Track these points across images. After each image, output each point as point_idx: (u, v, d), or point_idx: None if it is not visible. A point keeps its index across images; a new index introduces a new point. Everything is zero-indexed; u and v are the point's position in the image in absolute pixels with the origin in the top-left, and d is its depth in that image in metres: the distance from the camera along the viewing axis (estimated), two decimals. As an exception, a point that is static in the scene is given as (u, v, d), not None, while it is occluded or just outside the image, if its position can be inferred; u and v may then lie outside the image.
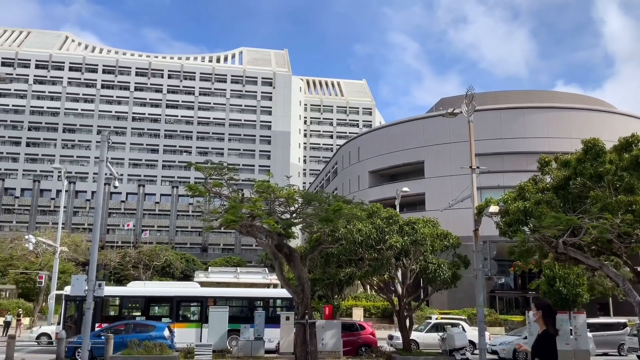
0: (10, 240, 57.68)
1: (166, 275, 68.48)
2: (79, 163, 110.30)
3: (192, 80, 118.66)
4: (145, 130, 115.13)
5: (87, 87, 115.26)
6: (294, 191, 20.79)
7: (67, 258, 51.52)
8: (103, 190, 23.13)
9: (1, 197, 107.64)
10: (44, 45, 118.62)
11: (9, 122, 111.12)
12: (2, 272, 56.71)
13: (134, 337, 21.38)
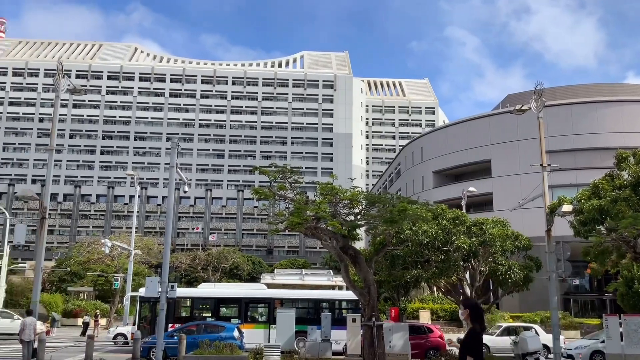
0: (87, 245, 60.53)
1: (234, 277, 70.01)
2: (149, 169, 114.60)
3: (255, 85, 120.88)
4: (211, 136, 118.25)
5: (156, 96, 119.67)
6: (357, 193, 20.74)
7: (141, 261, 53.54)
8: (173, 195, 23.89)
9: (78, 203, 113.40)
10: (115, 57, 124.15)
11: (84, 131, 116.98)
12: (80, 274, 59.62)
13: (205, 337, 21.89)
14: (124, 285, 44.01)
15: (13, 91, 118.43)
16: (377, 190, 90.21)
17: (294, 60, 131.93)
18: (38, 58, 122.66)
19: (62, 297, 56.73)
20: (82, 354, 22.52)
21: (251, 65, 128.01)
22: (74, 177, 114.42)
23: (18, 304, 61.44)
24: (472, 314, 6.88)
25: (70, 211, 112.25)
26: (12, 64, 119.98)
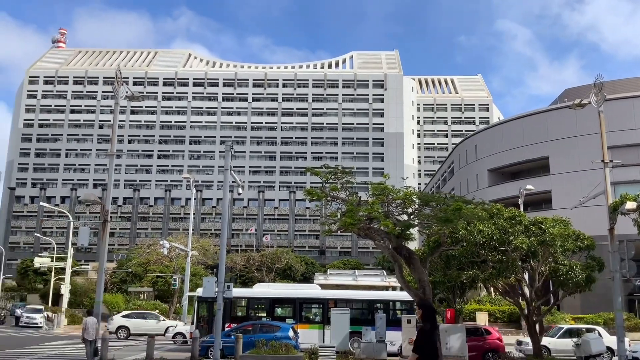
0: (147, 246, 62.43)
1: (287, 277, 70.67)
2: (204, 172, 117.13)
3: (305, 87, 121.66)
4: (263, 139, 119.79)
5: (210, 100, 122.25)
6: (410, 192, 20.54)
7: (197, 261, 54.79)
8: (228, 197, 24.34)
9: (137, 206, 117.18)
10: (170, 64, 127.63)
11: (141, 136, 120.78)
12: (140, 275, 61.55)
13: (260, 337, 22.17)
14: (182, 285, 45.11)
15: (74, 99, 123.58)
16: (429, 189, 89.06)
17: (343, 61, 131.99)
18: (97, 67, 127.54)
19: (124, 297, 58.67)
20: (143, 352, 23.24)
21: (301, 67, 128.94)
22: (132, 181, 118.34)
23: (82, 304, 64.08)
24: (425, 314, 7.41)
25: (130, 214, 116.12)
26: (72, 73, 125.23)
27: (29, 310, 49.78)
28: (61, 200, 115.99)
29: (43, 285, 74.66)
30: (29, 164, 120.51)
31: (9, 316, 56.11)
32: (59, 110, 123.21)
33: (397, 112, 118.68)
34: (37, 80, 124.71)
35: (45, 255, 73.58)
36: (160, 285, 56.89)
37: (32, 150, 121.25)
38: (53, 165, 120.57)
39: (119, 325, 36.41)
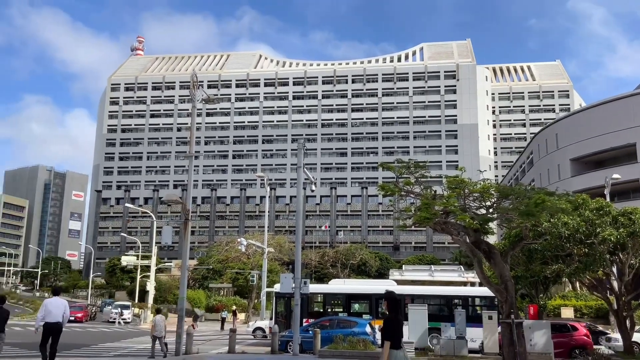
0: (225, 244, 64.27)
1: (362, 273, 70.62)
2: (277, 170, 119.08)
3: (374, 82, 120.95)
4: (333, 135, 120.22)
5: (280, 99, 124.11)
6: (488, 185, 19.91)
7: (273, 258, 55.80)
8: (302, 194, 24.58)
9: (215, 205, 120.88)
10: (241, 66, 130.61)
11: (217, 138, 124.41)
12: (220, 272, 63.43)
13: (338, 332, 22.27)
14: (260, 281, 46.08)
15: (153, 104, 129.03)
16: (507, 181, 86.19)
17: (413, 53, 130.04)
18: (173, 72, 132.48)
19: (205, 293, 60.69)
20: (226, 346, 23.93)
21: (370, 62, 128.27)
22: (210, 181, 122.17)
23: (166, 300, 66.86)
24: (390, 306, 8.46)
25: (208, 213, 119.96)
26: (151, 79, 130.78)
27: (118, 306, 52.33)
28: (144, 201, 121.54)
29: (130, 282, 78.45)
30: (114, 168, 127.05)
31: (99, 312, 59.25)
32: (140, 115, 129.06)
33: (470, 102, 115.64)
34: (119, 87, 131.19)
35: (131, 254, 77.41)
36: (239, 282, 58.38)
37: (116, 154, 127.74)
38: (136, 168, 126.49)
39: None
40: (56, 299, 14.04)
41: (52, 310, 13.59)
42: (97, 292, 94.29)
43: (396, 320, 8.26)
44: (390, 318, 8.27)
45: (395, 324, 8.20)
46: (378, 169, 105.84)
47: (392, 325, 8.17)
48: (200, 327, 41.24)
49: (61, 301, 14.01)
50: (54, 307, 13.66)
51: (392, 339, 8.05)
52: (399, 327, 8.22)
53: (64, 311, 13.73)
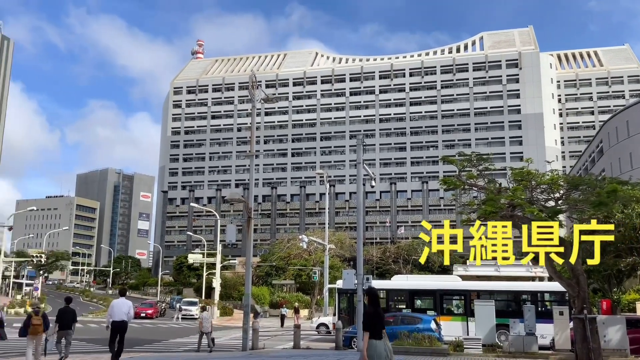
0: (287, 241, 64.96)
1: (424, 269, 69.70)
2: (336, 167, 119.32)
3: (433, 74, 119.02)
4: (392, 130, 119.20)
5: (338, 96, 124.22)
6: (556, 176, 19.23)
7: (335, 255, 55.94)
8: (362, 190, 24.51)
9: (275, 203, 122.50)
10: (298, 64, 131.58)
11: (276, 136, 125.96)
12: (283, 268, 64.22)
13: (402, 328, 22.05)
14: (322, 278, 46.33)
15: (214, 105, 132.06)
16: (576, 172, 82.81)
17: (472, 43, 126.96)
18: (232, 73, 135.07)
19: (269, 290, 61.61)
20: (291, 342, 24.21)
21: (427, 54, 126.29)
22: (270, 179, 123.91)
23: (231, 296, 68.36)
24: (370, 300, 9.16)
25: (269, 211, 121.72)
26: (211, 81, 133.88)
27: (186, 303, 53.88)
28: (208, 201, 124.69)
29: (196, 279, 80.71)
30: (178, 169, 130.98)
31: (168, 309, 61.20)
32: (201, 117, 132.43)
33: (534, 91, 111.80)
34: (181, 90, 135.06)
35: (197, 252, 79.57)
36: (301, 278, 58.89)
37: (180, 155, 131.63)
38: (199, 169, 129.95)
39: None
40: (122, 299, 15.34)
41: (118, 310, 14.97)
42: (165, 289, 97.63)
43: (376, 313, 8.90)
44: (370, 311, 8.93)
45: (375, 316, 8.85)
46: (439, 162, 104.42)
47: (373, 317, 8.83)
48: (264, 323, 41.85)
49: (126, 302, 15.30)
50: (120, 307, 15.03)
51: (371, 329, 8.73)
52: (379, 320, 8.91)
53: (129, 311, 15.09)
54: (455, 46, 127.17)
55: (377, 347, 8.67)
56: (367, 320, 8.82)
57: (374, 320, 8.81)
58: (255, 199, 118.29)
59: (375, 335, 8.73)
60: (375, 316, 8.85)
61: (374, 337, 8.72)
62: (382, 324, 8.90)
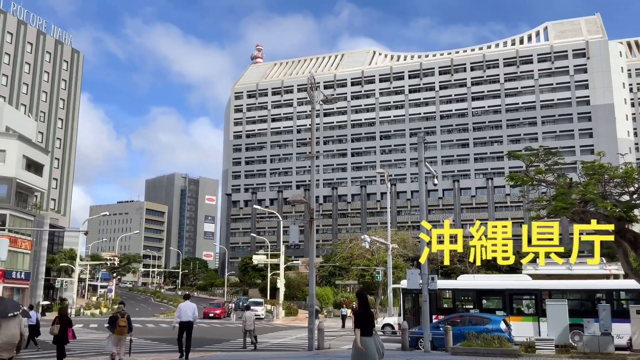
0: (349, 241, 64.93)
1: (491, 268, 67.85)
2: (396, 166, 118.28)
3: (495, 68, 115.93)
4: (453, 126, 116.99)
5: (396, 94, 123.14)
6: (631, 169, 18.32)
7: (398, 254, 55.40)
8: (424, 188, 24.18)
9: (336, 203, 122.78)
10: (356, 64, 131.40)
11: (335, 137, 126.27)
12: (346, 268, 64.25)
13: (470, 329, 21.61)
14: (385, 278, 46.02)
15: (273, 108, 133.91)
16: (651, 164, 78.55)
17: (536, 34, 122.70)
18: (291, 76, 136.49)
19: (332, 290, 61.82)
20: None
21: (489, 47, 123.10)
22: (330, 180, 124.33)
23: (295, 296, 69.08)
24: (359, 301, 10.22)
25: (330, 211, 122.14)
26: (270, 85, 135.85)
27: (251, 303, 54.82)
28: (270, 202, 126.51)
29: (261, 280, 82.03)
30: (241, 172, 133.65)
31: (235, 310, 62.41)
32: (262, 120, 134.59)
33: (604, 81, 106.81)
34: (241, 95, 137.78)
35: (261, 253, 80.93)
36: (365, 279, 58.73)
37: (242, 159, 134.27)
38: (261, 171, 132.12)
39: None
40: (187, 302, 17.59)
41: (184, 312, 17.15)
42: (232, 289, 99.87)
43: (366, 313, 9.91)
44: (361, 312, 9.96)
45: (365, 316, 9.85)
46: (504, 158, 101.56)
47: (363, 317, 9.82)
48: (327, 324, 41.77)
49: (191, 305, 17.44)
50: (186, 309, 17.22)
51: (362, 327, 9.71)
52: (369, 319, 9.90)
53: (193, 312, 17.22)
54: (518, 38, 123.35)
55: (368, 342, 9.61)
56: (357, 319, 9.83)
57: (364, 319, 9.77)
58: (317, 199, 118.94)
59: (366, 332, 9.68)
60: (366, 316, 9.83)
61: (365, 334, 9.65)
62: (371, 323, 9.89)
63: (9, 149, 51.45)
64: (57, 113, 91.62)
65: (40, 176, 58.13)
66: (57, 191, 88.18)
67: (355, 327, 9.86)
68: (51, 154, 75.93)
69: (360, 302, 10.25)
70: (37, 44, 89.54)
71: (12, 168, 51.04)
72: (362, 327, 9.70)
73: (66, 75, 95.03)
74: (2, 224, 48.62)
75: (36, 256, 57.23)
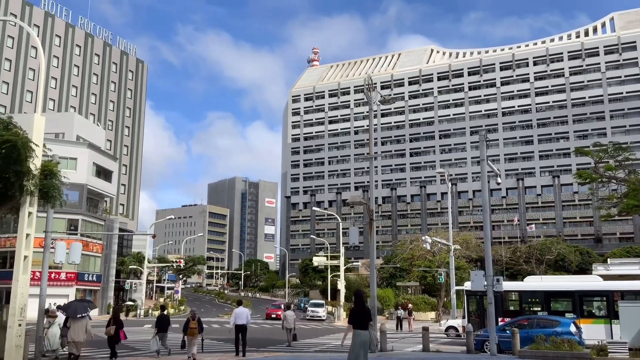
0: (409, 242, 64.26)
1: (559, 269, 65.61)
2: (457, 165, 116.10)
3: (559, 62, 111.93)
4: (516, 123, 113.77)
5: (456, 92, 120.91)
6: None
7: (460, 255, 54.38)
8: (487, 188, 23.61)
9: (396, 204, 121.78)
10: (413, 63, 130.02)
11: (393, 137, 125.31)
12: (407, 270, 63.61)
13: (538, 332, 20.93)
14: (448, 279, 45.24)
15: (330, 111, 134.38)
16: None
17: (602, 25, 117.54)
18: (347, 78, 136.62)
19: (393, 291, 61.34)
20: (419, 345, 23.88)
21: (552, 40, 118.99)
22: (389, 181, 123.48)
23: (356, 298, 68.78)
24: (355, 300, 11.39)
25: (390, 212, 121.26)
26: (327, 87, 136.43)
27: (313, 304, 55.17)
28: (329, 204, 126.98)
29: (321, 281, 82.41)
30: (299, 174, 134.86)
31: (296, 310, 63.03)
32: (319, 122, 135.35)
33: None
34: (299, 98, 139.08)
35: (321, 254, 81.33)
36: (427, 280, 57.95)
37: (301, 161, 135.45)
38: (319, 173, 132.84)
39: None
40: (241, 308, 20.09)
41: (239, 316, 19.50)
42: (292, 291, 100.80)
43: (362, 310, 11.25)
44: (356, 309, 11.27)
45: (360, 313, 11.20)
46: (571, 155, 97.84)
47: (358, 314, 11.18)
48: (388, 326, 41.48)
49: (245, 309, 19.97)
50: (241, 314, 19.59)
51: (356, 323, 11.10)
52: (364, 315, 11.21)
53: (247, 316, 19.69)
54: (582, 30, 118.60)
55: (361, 335, 11.03)
56: (354, 316, 11.24)
57: (359, 316, 11.17)
58: (376, 200, 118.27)
59: (361, 327, 11.09)
60: (361, 313, 11.20)
61: (359, 328, 11.07)
62: (367, 318, 11.19)
63: (80, 156, 54.00)
64: (124, 121, 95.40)
65: (110, 182, 60.68)
66: (125, 196, 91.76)
67: (349, 322, 11.36)
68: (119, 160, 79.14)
69: (356, 300, 11.48)
70: (103, 55, 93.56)
71: (83, 175, 53.52)
72: (357, 322, 11.09)
73: (131, 85, 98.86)
74: (75, 229, 51.09)
75: (107, 259, 59.73)
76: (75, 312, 17.04)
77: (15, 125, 13.54)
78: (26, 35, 76.64)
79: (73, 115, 67.96)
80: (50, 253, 21.01)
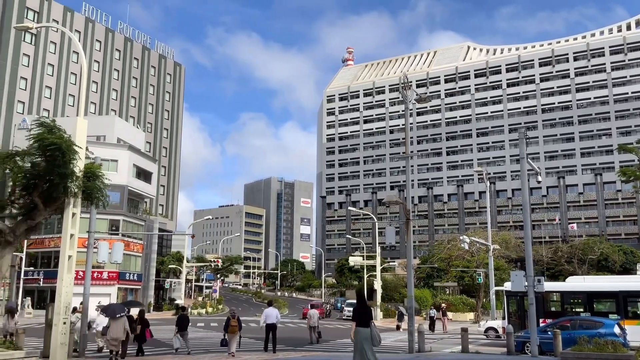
0: (447, 242, 63.43)
1: (603, 269, 63.82)
2: (495, 164, 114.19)
3: (601, 57, 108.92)
4: (556, 120, 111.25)
5: (493, 89, 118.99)
6: None
7: (499, 255, 53.36)
8: (527, 186, 23.15)
9: (432, 203, 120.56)
10: (449, 60, 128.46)
11: (429, 136, 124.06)
12: (444, 270, 62.87)
13: (580, 333, 20.39)
14: (487, 280, 44.52)
15: (365, 110, 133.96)
16: None
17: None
18: (382, 77, 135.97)
19: (430, 292, 60.70)
20: (458, 345, 23.59)
21: (593, 35, 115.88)
22: (425, 180, 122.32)
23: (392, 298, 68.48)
24: (357, 299, 12.12)
25: (426, 212, 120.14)
26: (362, 87, 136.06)
27: (349, 304, 55.04)
28: (364, 204, 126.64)
29: (357, 281, 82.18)
30: (335, 174, 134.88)
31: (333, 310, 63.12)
32: (354, 122, 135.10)
33: None
34: (333, 98, 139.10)
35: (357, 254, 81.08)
36: (465, 280, 57.15)
37: (336, 161, 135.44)
38: (354, 173, 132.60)
39: None
40: (271, 308, 20.77)
41: (270, 316, 20.28)
42: (329, 291, 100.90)
43: (363, 310, 11.78)
44: (358, 308, 11.86)
45: (362, 312, 11.74)
46: (614, 152, 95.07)
47: (360, 313, 11.71)
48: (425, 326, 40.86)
49: (274, 310, 20.82)
50: (271, 314, 20.35)
51: (358, 321, 11.62)
52: (366, 314, 11.73)
53: (277, 316, 20.58)
54: (625, 24, 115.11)
55: (361, 332, 11.49)
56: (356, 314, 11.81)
57: (361, 314, 11.67)
58: (412, 200, 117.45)
59: (363, 325, 11.55)
60: (362, 312, 11.71)
61: (361, 325, 11.55)
62: (367, 317, 11.68)
63: (121, 158, 55.28)
64: (162, 123, 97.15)
65: (149, 183, 61.90)
66: (164, 197, 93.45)
67: (352, 319, 11.97)
68: (158, 162, 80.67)
69: (358, 299, 12.14)
70: (142, 59, 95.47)
71: (124, 176, 54.76)
72: (358, 320, 11.63)
73: (170, 88, 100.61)
74: (117, 229, 52.33)
75: (147, 259, 60.97)
76: (114, 313, 18.06)
77: (59, 129, 13.92)
78: (68, 41, 78.82)
79: (114, 118, 69.59)
80: (93, 253, 21.60)
